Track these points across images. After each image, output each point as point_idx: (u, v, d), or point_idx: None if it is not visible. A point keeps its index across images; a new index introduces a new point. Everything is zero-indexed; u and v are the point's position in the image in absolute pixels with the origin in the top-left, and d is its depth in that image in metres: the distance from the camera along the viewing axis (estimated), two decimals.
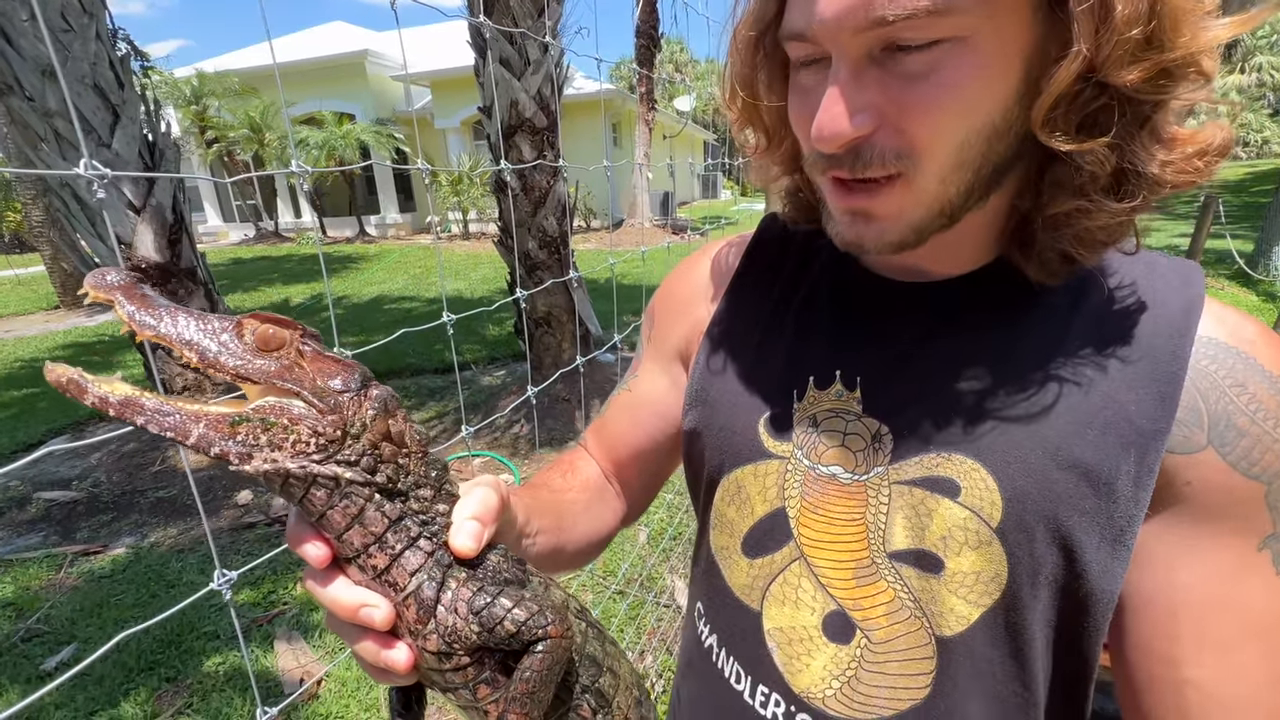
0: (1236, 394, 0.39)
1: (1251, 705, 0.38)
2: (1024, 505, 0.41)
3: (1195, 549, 0.39)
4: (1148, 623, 0.40)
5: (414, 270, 10.24)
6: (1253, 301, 6.33)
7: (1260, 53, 26.26)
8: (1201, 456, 0.39)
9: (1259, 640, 0.38)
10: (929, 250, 0.44)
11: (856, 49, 0.36)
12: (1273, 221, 7.71)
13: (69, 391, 0.30)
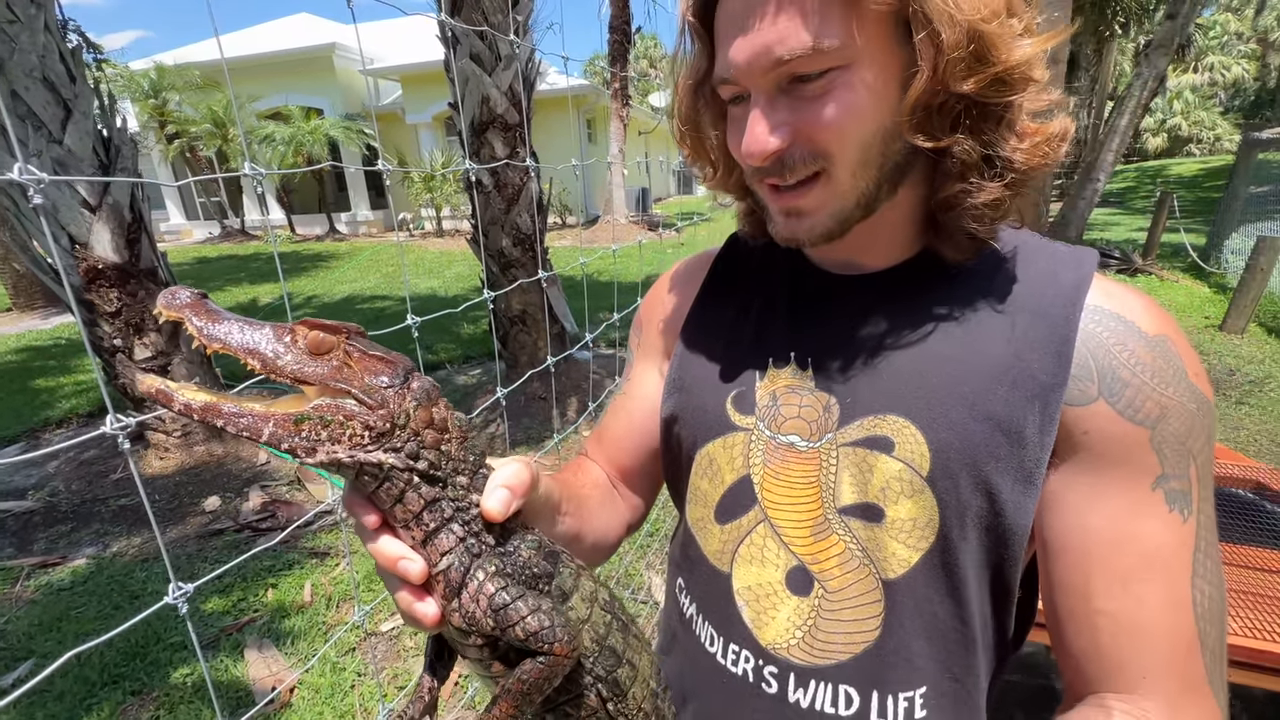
0: (1119, 351, 0.46)
1: (1152, 629, 0.43)
2: (948, 455, 0.48)
3: (1100, 494, 0.45)
4: (1065, 564, 0.46)
5: (386, 269, 10.08)
6: (1205, 293, 6.57)
7: (1212, 53, 27.20)
8: (1095, 407, 0.45)
9: (1156, 570, 0.43)
10: (860, 247, 0.53)
11: (767, 84, 0.45)
12: (1223, 216, 8.00)
13: (158, 400, 0.33)
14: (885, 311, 0.53)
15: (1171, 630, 0.43)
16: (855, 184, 0.47)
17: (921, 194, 0.51)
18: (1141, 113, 8.72)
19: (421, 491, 0.37)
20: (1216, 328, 5.33)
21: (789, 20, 0.42)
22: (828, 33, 0.42)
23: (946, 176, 0.47)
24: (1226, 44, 27.79)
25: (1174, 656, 0.43)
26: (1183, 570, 0.43)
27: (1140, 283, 7.13)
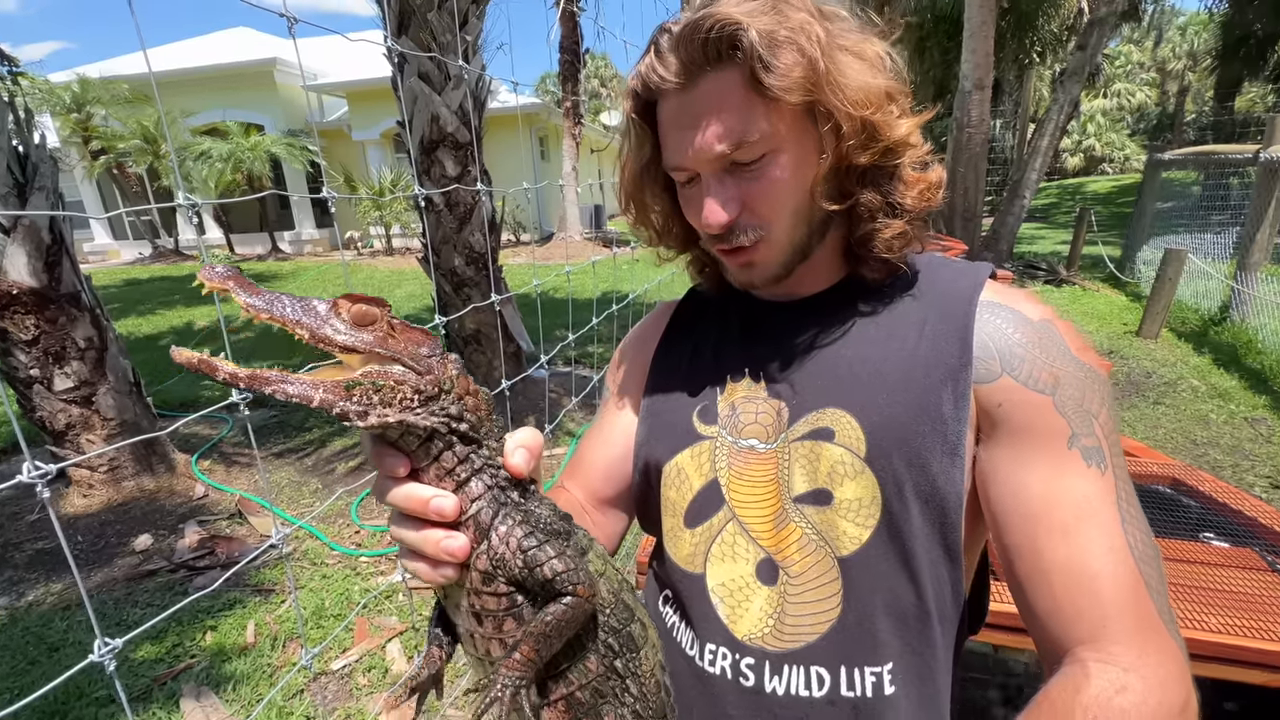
0: (1012, 334, 0.55)
1: (1099, 574, 0.47)
2: (880, 436, 0.55)
3: (1026, 459, 0.52)
4: (1012, 530, 0.51)
5: (333, 288, 9.76)
6: (1123, 301, 7.08)
7: (1118, 80, 29.61)
8: (1001, 381, 0.54)
9: (1090, 521, 0.48)
10: (797, 280, 0.63)
11: (715, 169, 0.56)
12: (1135, 230, 8.64)
13: (200, 370, 0.34)
14: (819, 326, 0.62)
15: (1116, 574, 0.47)
16: (791, 239, 0.59)
17: (843, 233, 0.62)
18: (1060, 135, 9.38)
19: (456, 450, 0.40)
20: (1134, 334, 5.74)
21: (724, 121, 0.53)
22: (755, 129, 0.53)
23: (859, 220, 0.59)
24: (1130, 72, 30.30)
25: (1124, 598, 0.46)
26: (1112, 518, 0.48)
27: (1065, 293, 7.61)
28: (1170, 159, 8.02)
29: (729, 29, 0.50)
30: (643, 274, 9.49)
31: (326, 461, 3.90)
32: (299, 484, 3.61)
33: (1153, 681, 0.43)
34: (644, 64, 0.56)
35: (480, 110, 4.04)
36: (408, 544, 0.41)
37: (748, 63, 0.51)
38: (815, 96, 0.52)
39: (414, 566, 0.41)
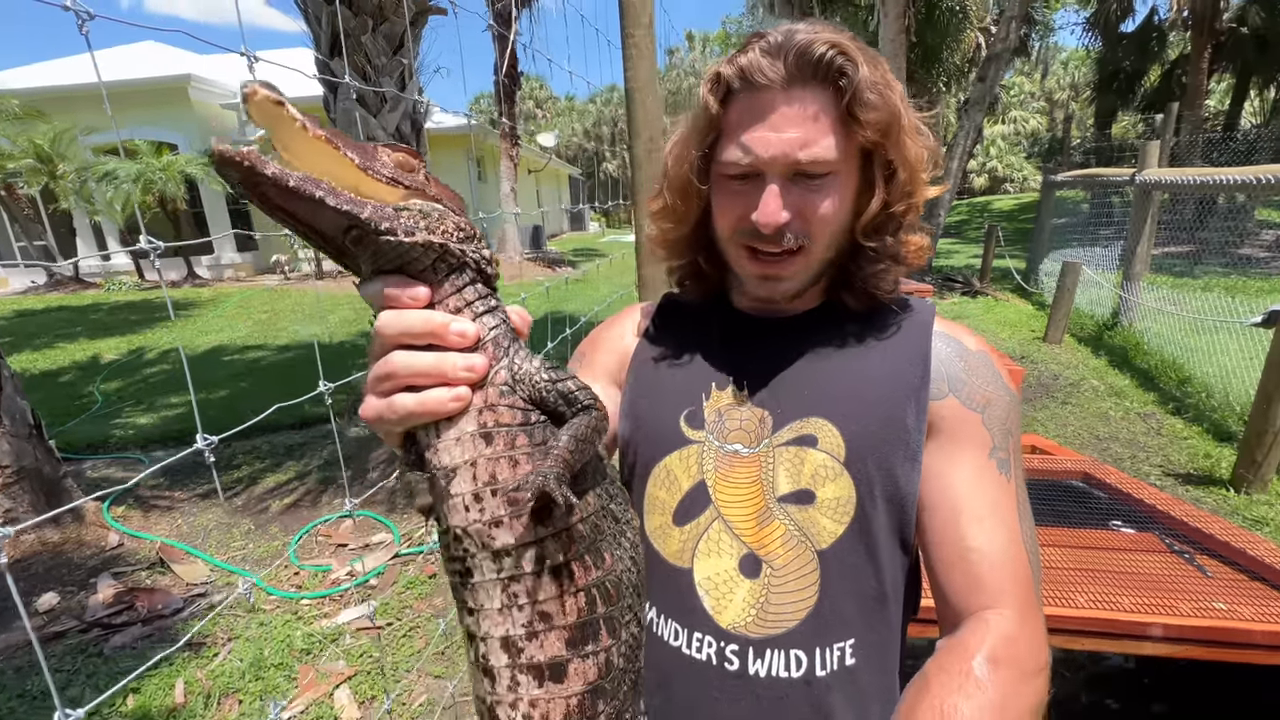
0: (957, 361, 0.66)
1: (1005, 559, 0.58)
2: (857, 444, 0.63)
3: (956, 461, 0.62)
4: (940, 520, 0.61)
5: (260, 314, 9.24)
6: (1029, 310, 7.70)
7: (1014, 108, 32.48)
8: (947, 400, 0.64)
9: (999, 518, 0.60)
10: (787, 301, 0.70)
11: (784, 172, 0.61)
12: (1036, 244, 9.43)
13: (243, 163, 0.34)
14: (803, 344, 0.69)
15: (1015, 561, 0.59)
16: (823, 257, 0.65)
17: (836, 266, 0.70)
18: (967, 157, 10.17)
19: (479, 288, 0.43)
20: (1040, 339, 6.25)
21: (809, 133, 0.58)
22: (831, 149, 0.59)
23: (871, 260, 0.66)
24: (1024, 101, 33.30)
25: (1019, 580, 0.58)
26: (1014, 519, 0.61)
27: (979, 303, 8.20)
28: (1062, 180, 8.85)
29: (842, 58, 0.56)
30: (584, 293, 9.50)
31: (258, 500, 3.68)
32: (228, 526, 3.38)
33: (1033, 641, 0.55)
34: (748, 58, 0.59)
35: (419, 134, 3.99)
36: (420, 368, 0.40)
37: (848, 92, 0.57)
38: (885, 141, 0.59)
39: (421, 396, 0.40)
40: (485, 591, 0.39)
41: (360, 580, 2.75)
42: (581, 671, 0.39)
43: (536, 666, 0.38)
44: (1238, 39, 15.51)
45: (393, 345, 0.41)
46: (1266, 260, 10.10)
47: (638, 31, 2.09)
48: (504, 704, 0.38)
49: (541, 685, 0.38)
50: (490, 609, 0.38)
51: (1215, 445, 3.77)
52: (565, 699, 0.38)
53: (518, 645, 0.38)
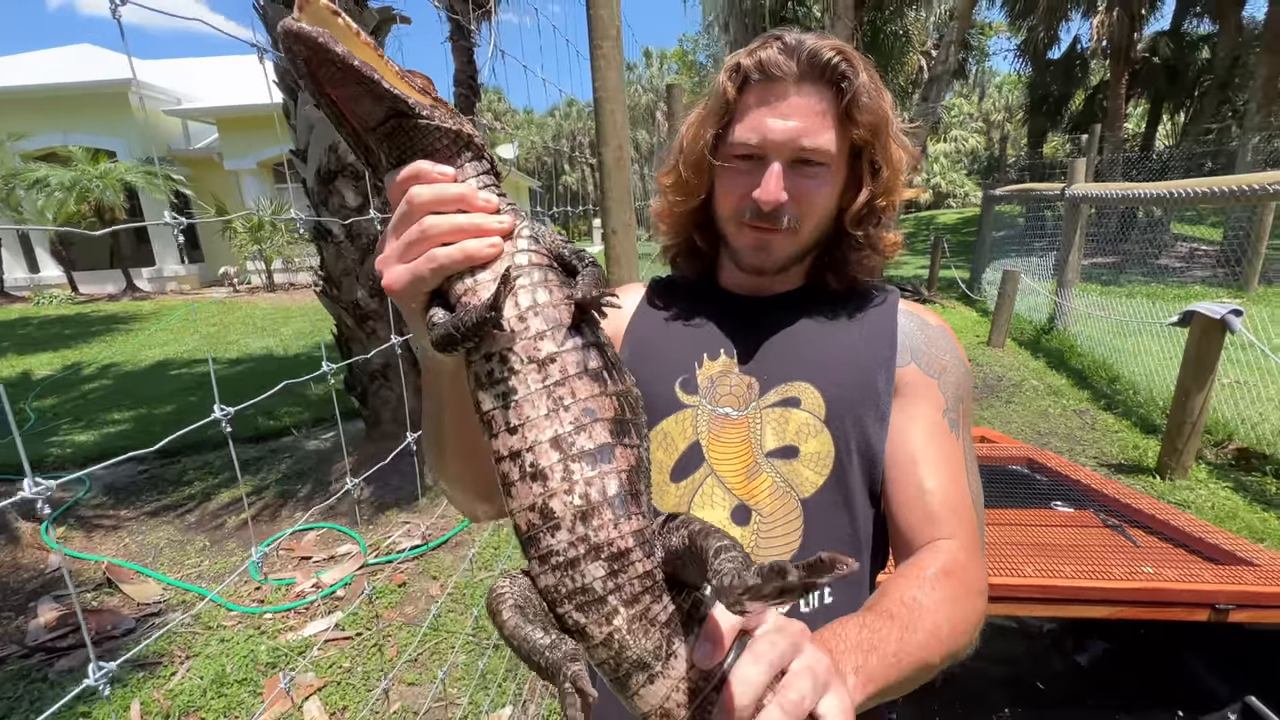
0: (919, 335, 0.75)
1: (955, 502, 0.66)
2: (836, 404, 0.70)
3: (914, 418, 0.71)
4: (899, 467, 0.69)
5: (207, 328, 8.87)
6: (974, 316, 8.13)
7: (955, 128, 34.30)
8: (910, 367, 0.73)
9: (950, 468, 0.69)
10: (775, 278, 0.78)
11: (786, 157, 0.68)
12: (978, 254, 9.95)
13: (313, 42, 0.38)
14: (786, 319, 0.77)
15: (962, 504, 0.67)
16: (810, 238, 0.73)
17: (821, 251, 0.78)
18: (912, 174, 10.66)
19: (492, 176, 0.48)
20: (985, 344, 6.60)
21: (812, 124, 0.67)
22: (830, 141, 0.67)
23: (854, 247, 0.75)
24: (963, 121, 35.19)
25: (965, 520, 0.66)
26: (961, 471, 0.69)
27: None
28: (1000, 194, 9.40)
29: (845, 65, 0.66)
30: None
31: (213, 516, 3.54)
32: (181, 544, 3.25)
33: (977, 567, 0.63)
34: (766, 53, 0.67)
35: None
36: (458, 223, 0.44)
37: (848, 93, 0.65)
38: (875, 141, 0.68)
39: (460, 245, 0.44)
40: (530, 404, 0.42)
41: (327, 592, 2.69)
42: (625, 455, 0.42)
43: (588, 453, 0.41)
44: (1151, 68, 16.85)
45: (422, 214, 0.45)
46: (1181, 269, 10.92)
47: (605, 43, 2.17)
48: (558, 495, 0.41)
49: (595, 467, 0.41)
50: (537, 417, 0.42)
51: (1142, 437, 4.07)
52: (617, 473, 0.41)
53: (568, 439, 0.41)
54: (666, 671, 0.40)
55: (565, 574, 0.41)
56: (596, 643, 0.41)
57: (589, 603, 0.40)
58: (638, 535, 0.41)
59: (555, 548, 0.41)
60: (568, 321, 0.43)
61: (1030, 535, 1.72)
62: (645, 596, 0.41)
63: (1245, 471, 3.48)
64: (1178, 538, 1.67)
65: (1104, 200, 5.93)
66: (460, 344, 0.43)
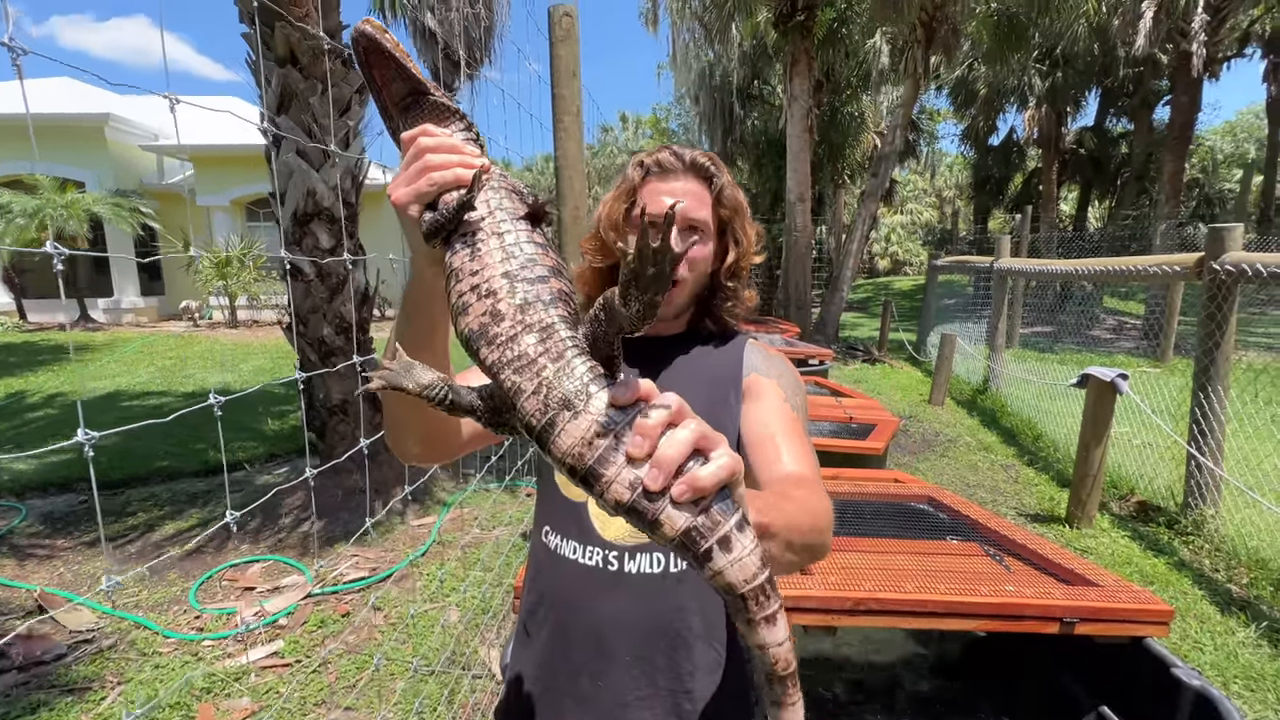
0: (758, 356, 0.98)
1: (799, 450, 0.82)
2: (699, 413, 0.88)
3: (763, 404, 0.90)
4: (753, 433, 0.87)
5: (164, 361, 8.71)
6: (919, 376, 8.59)
7: (910, 201, 36.71)
8: (752, 375, 0.94)
9: (792, 431, 0.86)
10: (667, 324, 1.00)
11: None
12: (924, 319, 10.57)
13: (379, 35, 0.60)
14: (672, 353, 0.98)
15: (808, 454, 0.84)
16: (693, 289, 0.95)
17: (702, 303, 1.01)
18: (865, 240, 11.42)
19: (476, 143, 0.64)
20: (926, 401, 7.00)
21: (694, 201, 0.92)
22: (705, 216, 0.93)
23: (727, 298, 0.98)
24: (918, 196, 37.70)
25: (812, 465, 0.82)
26: (804, 437, 0.87)
27: (878, 370, 9.07)
28: (941, 265, 10.13)
29: (713, 167, 0.94)
30: None
31: (155, 547, 3.51)
32: (120, 573, 3.20)
33: (822, 489, 0.78)
34: (662, 155, 0.94)
35: (358, 190, 4.20)
36: (449, 158, 0.59)
37: (716, 186, 0.93)
38: (736, 218, 0.95)
39: (451, 170, 0.59)
40: (489, 253, 0.55)
41: (268, 620, 2.71)
42: (559, 284, 0.55)
43: (529, 278, 0.54)
44: (1078, 158, 18.59)
45: (425, 153, 0.60)
46: (1111, 341, 11.79)
47: (567, 118, 2.48)
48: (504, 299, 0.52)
49: (533, 286, 0.53)
50: (493, 261, 0.54)
51: (1058, 490, 4.40)
52: (551, 288, 0.54)
53: (515, 272, 0.54)
54: (588, 408, 0.46)
55: (506, 347, 0.50)
56: (528, 393, 0.48)
57: (524, 365, 0.49)
58: (563, 318, 0.52)
59: (500, 331, 0.51)
60: (523, 216, 0.59)
61: (920, 562, 1.94)
62: (569, 353, 0.49)
63: (1143, 523, 3.81)
64: (1042, 564, 1.91)
65: (1025, 274, 6.53)
66: (445, 227, 0.57)
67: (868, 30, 10.34)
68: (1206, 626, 2.73)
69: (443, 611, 2.84)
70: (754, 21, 11.32)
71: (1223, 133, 28.69)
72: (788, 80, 10.32)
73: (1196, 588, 3.04)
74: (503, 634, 2.66)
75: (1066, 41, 11.05)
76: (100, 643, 2.62)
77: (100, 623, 2.76)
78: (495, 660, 2.45)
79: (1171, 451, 4.29)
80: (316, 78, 3.82)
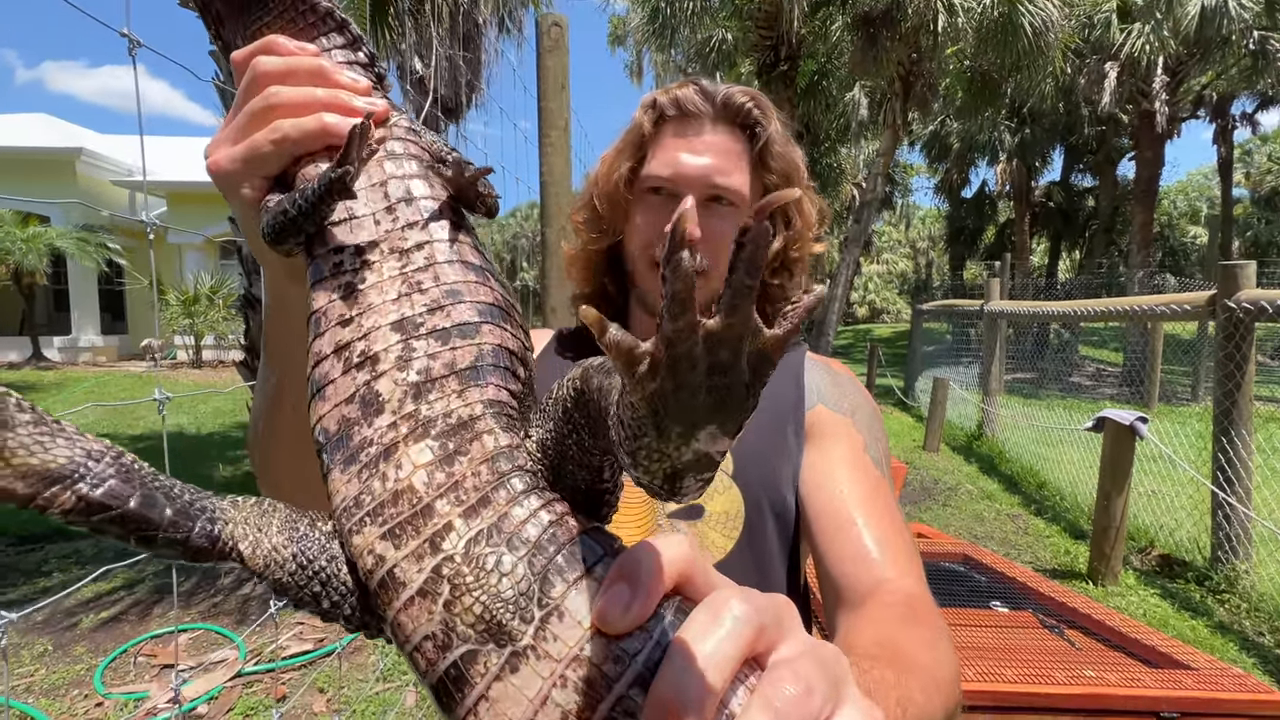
0: (824, 377, 0.73)
1: (893, 537, 0.60)
2: (745, 459, 0.66)
3: (834, 456, 0.65)
4: (823, 505, 0.63)
5: (116, 400, 8.17)
6: (910, 421, 8.41)
7: (886, 251, 37.81)
8: (819, 408, 0.70)
9: (880, 501, 0.63)
10: None
11: (700, 194, 0.67)
12: (911, 364, 10.51)
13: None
14: None
15: (905, 541, 0.60)
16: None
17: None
18: (849, 286, 11.47)
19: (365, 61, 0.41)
20: (921, 448, 6.78)
21: (725, 162, 0.66)
22: (741, 182, 0.67)
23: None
24: (893, 247, 38.86)
25: (912, 559, 0.59)
26: (891, 505, 0.63)
27: None
28: (927, 309, 10.15)
29: (759, 112, 0.67)
30: None
31: (67, 615, 3.03)
32: (17, 647, 2.73)
33: (935, 608, 0.56)
34: (682, 91, 0.67)
35: None
36: (312, 96, 0.36)
37: (761, 139, 0.67)
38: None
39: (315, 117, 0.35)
40: (378, 290, 0.32)
41: (188, 707, 2.26)
42: (494, 333, 0.31)
43: (440, 330, 0.31)
44: (1048, 210, 19.27)
45: (267, 84, 0.36)
46: (1092, 387, 11.84)
47: (554, 132, 2.28)
48: (388, 375, 0.29)
49: (446, 342, 0.30)
50: (382, 303, 0.31)
51: (1072, 543, 4.13)
52: (478, 346, 0.30)
53: (415, 320, 0.31)
54: (541, 644, 0.22)
55: (373, 472, 0.27)
56: (411, 593, 0.24)
57: (404, 519, 0.25)
58: (493, 404, 0.29)
59: (369, 437, 0.28)
60: (445, 215, 0.35)
61: (970, 637, 1.63)
62: (501, 494, 0.25)
63: (1169, 579, 3.54)
64: (1115, 640, 1.61)
65: (1017, 316, 6.46)
66: (299, 229, 0.32)
67: (846, 83, 10.66)
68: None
69: (399, 693, 2.42)
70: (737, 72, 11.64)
71: (1176, 191, 30.25)
72: None
73: (1245, 654, 2.75)
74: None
75: (1034, 99, 11.50)
76: None
77: None
78: None
79: (1191, 501, 4.07)
80: None
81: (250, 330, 3.65)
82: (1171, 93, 10.66)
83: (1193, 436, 4.43)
